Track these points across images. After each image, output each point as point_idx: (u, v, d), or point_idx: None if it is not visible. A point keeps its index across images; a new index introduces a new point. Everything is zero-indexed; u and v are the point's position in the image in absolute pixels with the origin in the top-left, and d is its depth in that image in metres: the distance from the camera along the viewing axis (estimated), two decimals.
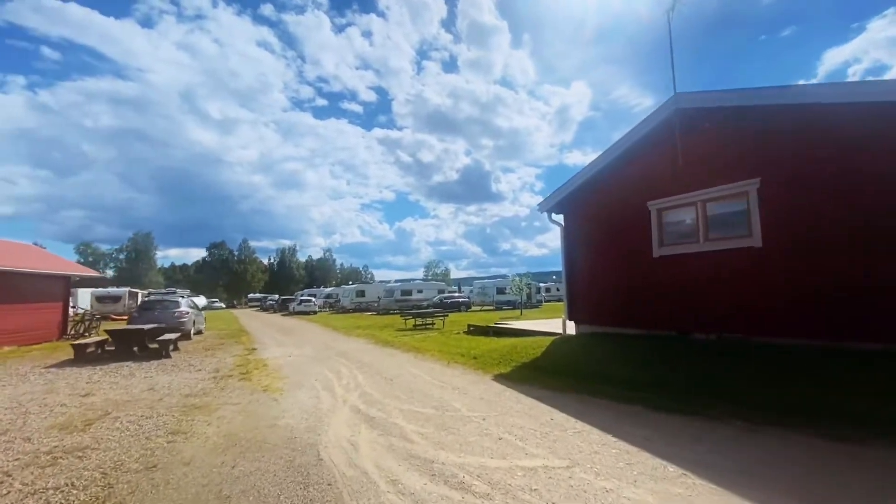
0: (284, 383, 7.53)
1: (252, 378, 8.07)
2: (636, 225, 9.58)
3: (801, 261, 6.90)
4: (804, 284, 6.84)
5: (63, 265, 16.29)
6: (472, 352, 10.16)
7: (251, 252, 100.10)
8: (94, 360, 10.24)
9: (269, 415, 5.55)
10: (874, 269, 6.18)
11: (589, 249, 10.77)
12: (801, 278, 6.88)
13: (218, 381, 7.90)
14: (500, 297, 37.58)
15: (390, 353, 11.08)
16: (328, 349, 12.38)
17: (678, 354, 7.47)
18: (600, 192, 10.52)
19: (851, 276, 6.38)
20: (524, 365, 8.26)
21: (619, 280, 9.87)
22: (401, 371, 8.41)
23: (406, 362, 9.56)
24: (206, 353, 11.78)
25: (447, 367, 8.71)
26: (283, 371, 8.80)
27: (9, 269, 13.38)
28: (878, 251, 6.16)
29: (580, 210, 11.11)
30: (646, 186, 9.42)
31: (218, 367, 9.52)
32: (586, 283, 10.77)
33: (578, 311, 11.00)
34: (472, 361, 9.17)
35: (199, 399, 6.49)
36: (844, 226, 6.48)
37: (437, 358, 9.98)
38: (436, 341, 13.11)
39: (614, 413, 5.20)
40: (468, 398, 6.11)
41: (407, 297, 36.23)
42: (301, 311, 37.20)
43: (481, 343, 11.69)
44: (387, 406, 5.79)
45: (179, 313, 15.27)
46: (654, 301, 9.10)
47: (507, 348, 9.71)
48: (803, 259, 6.88)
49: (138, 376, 8.48)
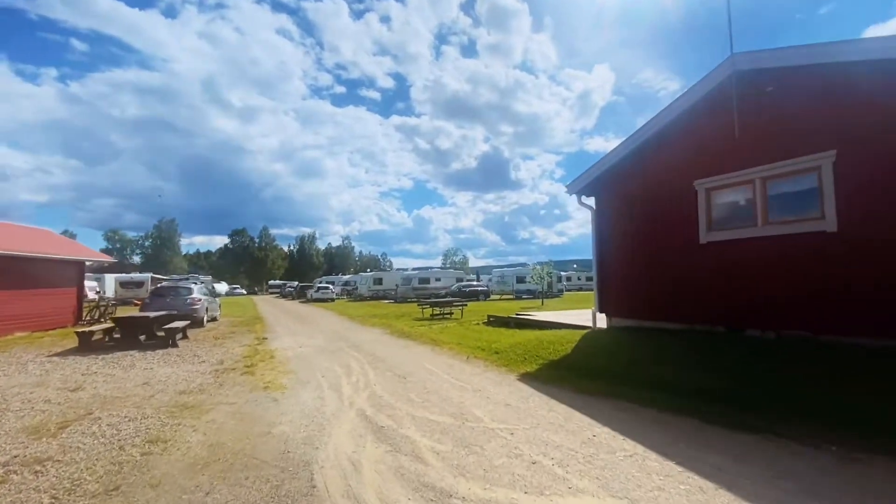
0: (289, 379, 6.88)
1: (255, 372, 7.46)
2: (680, 207, 8.53)
3: (888, 248, 5.80)
4: (893, 275, 5.75)
5: (77, 250, 16.12)
6: (494, 346, 9.35)
7: (271, 239, 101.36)
8: (99, 348, 9.85)
9: (264, 419, 4.88)
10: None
11: (623, 235, 9.75)
12: (889, 268, 5.79)
13: (219, 375, 7.32)
14: (519, 286, 36.59)
15: (405, 346, 10.37)
16: (341, 340, 11.76)
17: (730, 354, 6.50)
18: (638, 172, 9.46)
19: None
20: (552, 363, 7.41)
21: (659, 269, 8.87)
22: (416, 367, 7.68)
23: (422, 356, 8.82)
24: (214, 343, 11.31)
25: (466, 364, 7.93)
26: (289, 364, 8.18)
27: (22, 255, 13.16)
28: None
29: (614, 191, 10.07)
30: (692, 163, 8.34)
31: (223, 358, 8.97)
32: (620, 273, 9.79)
33: (610, 302, 10.04)
34: (493, 357, 8.37)
35: (193, 397, 5.88)
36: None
37: (456, 352, 9.22)
38: (454, 333, 12.36)
39: (667, 428, 4.33)
40: (491, 404, 5.31)
41: (425, 286, 35.61)
42: (319, 299, 37.05)
43: (503, 336, 10.87)
44: (398, 412, 5.04)
45: (192, 300, 14.90)
46: (700, 292, 8.09)
47: (532, 343, 8.87)
48: (891, 246, 5.78)
49: (138, 367, 7.99)
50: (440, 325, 14.69)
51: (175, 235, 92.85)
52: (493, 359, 8.22)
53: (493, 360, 8.15)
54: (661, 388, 5.67)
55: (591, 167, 10.24)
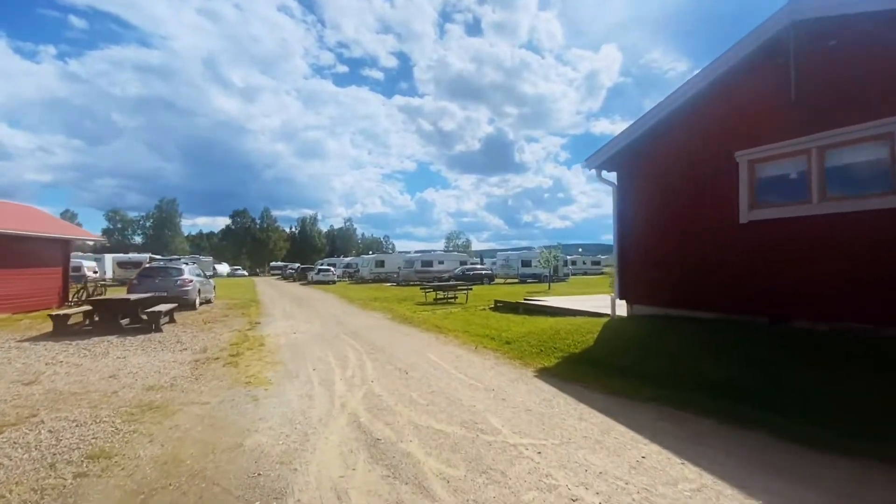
0: (275, 372, 6.09)
1: (240, 363, 6.67)
2: (716, 183, 7.58)
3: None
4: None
5: (62, 228, 15.29)
6: (504, 334, 8.53)
7: (273, 220, 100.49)
8: (76, 333, 9.09)
9: (238, 425, 4.07)
10: None
11: (650, 214, 8.81)
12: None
13: (198, 365, 6.53)
14: (525, 270, 35.74)
15: (407, 333, 9.57)
16: (339, 325, 10.98)
17: (777, 350, 5.64)
18: (667, 143, 8.47)
19: None
20: (573, 357, 6.58)
21: (690, 251, 7.96)
22: (419, 359, 6.87)
23: (425, 346, 8.01)
24: (203, 327, 10.54)
25: (475, 355, 7.12)
26: (279, 354, 7.39)
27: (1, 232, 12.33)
28: None
29: (640, 165, 9.09)
30: (733, 132, 7.35)
31: (208, 345, 8.19)
32: (644, 256, 8.88)
33: (632, 288, 9.17)
34: (505, 348, 7.56)
35: (161, 394, 5.08)
36: None
37: (463, 341, 8.41)
38: (459, 319, 11.55)
39: (730, 446, 3.50)
40: (509, 408, 4.49)
41: (427, 269, 34.80)
42: (319, 281, 36.36)
43: (513, 323, 10.05)
44: (398, 418, 4.23)
45: (182, 281, 14.12)
46: (738, 278, 7.20)
47: (547, 332, 8.04)
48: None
49: (111, 356, 7.21)
50: (444, 311, 13.89)
51: (176, 216, 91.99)
52: (504, 350, 7.40)
53: (504, 351, 7.33)
54: (705, 389, 4.83)
55: (613, 138, 9.24)
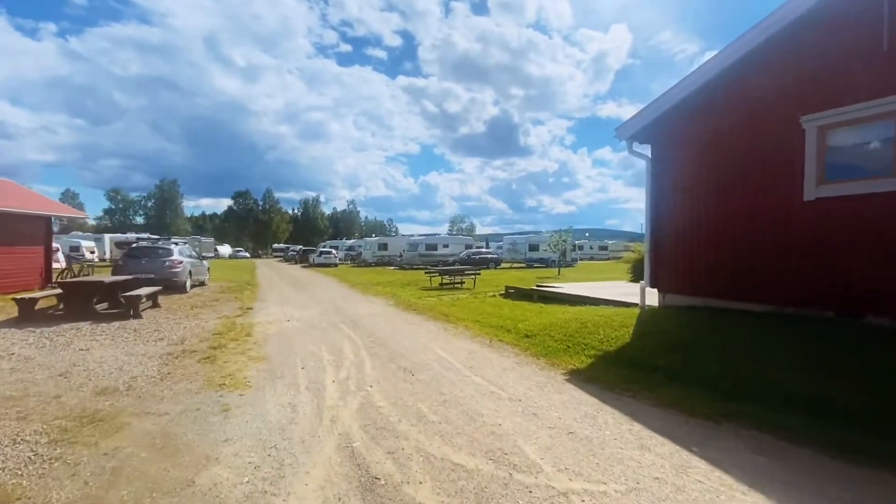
0: (257, 371, 5.14)
1: (218, 358, 5.73)
2: (775, 153, 6.48)
3: None
4: None
5: (43, 204, 14.31)
6: (522, 326, 7.56)
7: (275, 202, 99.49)
8: (44, 319, 8.18)
9: (195, 450, 3.13)
10: None
11: (691, 192, 7.71)
12: None
13: (170, 361, 5.60)
14: (532, 254, 34.68)
15: (412, 322, 8.61)
16: (337, 312, 10.04)
17: (866, 352, 4.64)
18: (714, 109, 7.33)
19: None
20: (608, 356, 5.60)
21: (740, 234, 6.90)
22: (426, 354, 5.91)
23: (433, 338, 7.06)
24: (189, 313, 9.63)
25: (492, 351, 6.15)
26: (266, 346, 6.45)
27: None
28: None
29: (680, 135, 7.96)
30: (801, 93, 6.20)
31: (188, 334, 7.27)
32: (683, 239, 7.82)
33: (667, 275, 8.13)
34: (524, 343, 6.59)
35: (112, 400, 4.15)
36: None
37: (475, 333, 7.44)
38: (469, 306, 10.59)
39: (871, 497, 2.52)
40: (543, 428, 3.52)
41: (432, 252, 33.78)
42: (321, 264, 35.49)
43: (528, 312, 9.07)
44: (403, 442, 3.27)
45: (171, 262, 13.17)
46: (800, 265, 6.15)
47: (572, 324, 7.05)
48: None
49: (73, 347, 6.30)
50: (451, 297, 12.93)
51: (177, 196, 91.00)
52: (524, 345, 6.43)
53: (524, 347, 6.36)
54: (785, 403, 3.85)
55: (648, 105, 8.07)
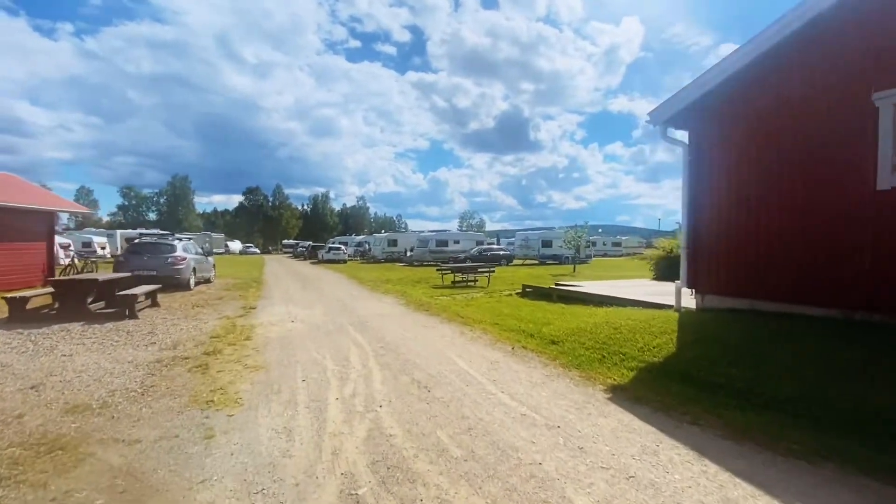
0: (252, 384, 4.53)
1: (211, 367, 5.13)
2: (840, 136, 5.68)
3: None
4: None
5: (45, 199, 13.93)
6: (546, 330, 6.86)
7: (285, 198, 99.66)
8: (35, 319, 7.69)
9: (162, 497, 2.50)
10: None
11: (736, 181, 6.93)
12: None
13: (158, 370, 5.02)
14: (545, 251, 33.83)
15: (425, 325, 7.96)
16: (344, 313, 9.43)
17: None
18: (766, 88, 6.53)
19: None
20: (654, 368, 4.88)
21: (797, 229, 6.12)
22: (443, 364, 5.25)
23: (449, 344, 6.39)
24: (188, 313, 9.10)
25: (516, 361, 5.46)
26: (265, 353, 5.84)
27: None
28: None
29: (724, 119, 7.17)
30: (872, 66, 5.39)
31: (183, 338, 6.71)
32: (727, 235, 7.04)
33: (706, 275, 7.36)
34: (551, 350, 5.89)
35: (81, 421, 3.56)
36: None
37: (495, 337, 6.77)
38: (485, 307, 9.91)
39: None
40: (597, 469, 2.83)
41: (442, 249, 33.11)
42: (330, 260, 35.03)
43: (550, 314, 8.36)
44: (422, 489, 2.60)
45: (174, 259, 12.68)
46: (874, 263, 5.36)
47: (603, 329, 6.34)
48: None
49: (57, 352, 5.76)
50: (465, 296, 12.26)
51: (189, 193, 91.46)
52: (551, 353, 5.74)
53: (552, 355, 5.66)
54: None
55: (686, 87, 7.29)
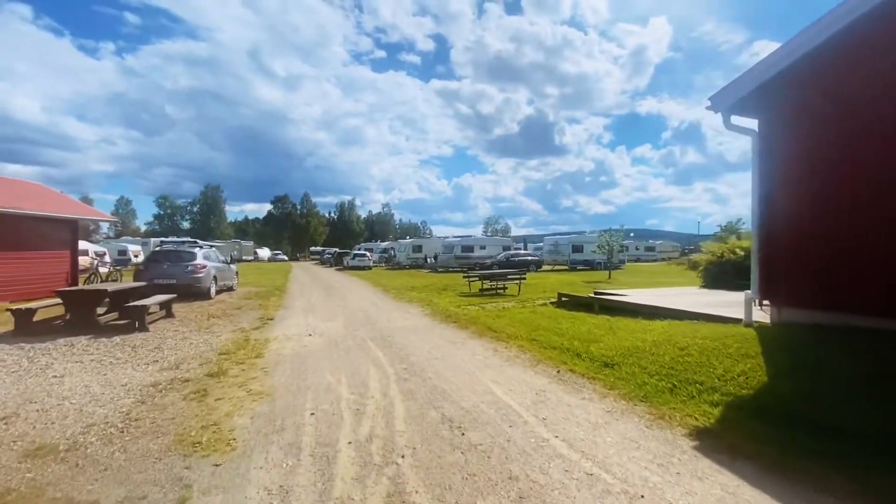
0: (251, 419, 3.80)
1: (210, 394, 4.45)
2: None
3: None
4: None
5: (69, 207, 13.92)
6: (595, 349, 5.91)
7: (313, 206, 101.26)
8: (42, 331, 7.28)
9: None
10: None
11: (823, 173, 5.82)
12: None
13: (151, 396, 4.38)
14: (576, 256, 32.44)
15: (453, 340, 7.13)
16: (366, 324, 8.71)
17: None
18: (861, 61, 5.43)
19: None
20: (745, 404, 3.87)
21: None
22: (477, 394, 4.40)
23: (482, 365, 5.53)
24: (202, 324, 8.57)
25: (565, 390, 4.55)
26: (274, 375, 5.14)
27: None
28: None
29: (805, 101, 6.08)
30: None
31: (189, 356, 6.10)
32: (814, 236, 5.93)
33: (785, 283, 6.25)
34: (606, 376, 4.94)
35: (38, 471, 2.89)
36: None
37: (535, 357, 5.86)
38: (518, 318, 8.99)
39: None
40: None
41: (468, 254, 32.23)
42: (355, 266, 34.71)
43: (596, 328, 7.39)
44: None
45: (194, 267, 12.32)
46: None
47: (664, 349, 5.36)
48: None
49: (50, 371, 5.22)
50: (495, 305, 11.36)
51: (220, 202, 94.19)
52: (607, 380, 4.80)
53: (608, 382, 4.72)
54: None
55: (755, 66, 6.23)
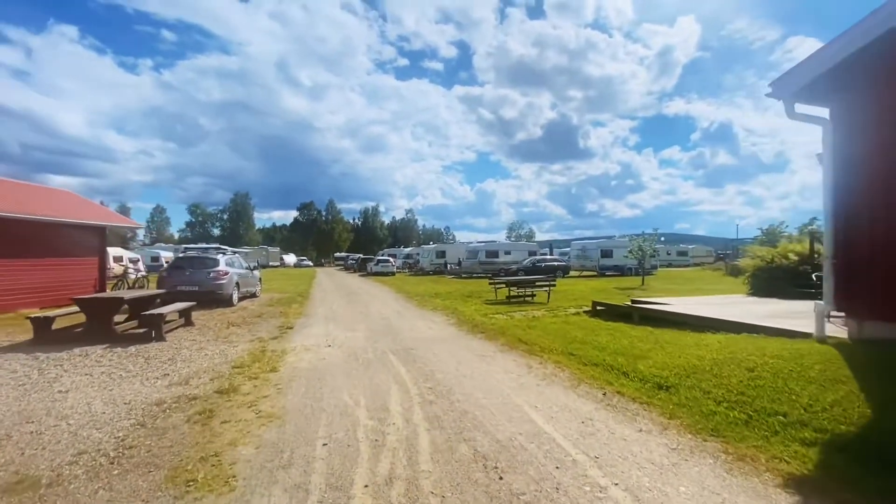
0: (257, 449, 3.34)
1: (216, 415, 4.03)
2: None
3: None
4: None
5: (97, 214, 14.07)
6: (642, 367, 5.22)
7: (337, 212, 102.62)
8: (59, 340, 7.11)
9: None
10: None
11: None
12: None
13: (151, 418, 3.99)
14: (605, 262, 31.28)
15: (483, 354, 6.54)
16: (388, 334, 8.24)
17: None
18: None
19: None
20: (848, 444, 3.13)
21: None
22: (514, 422, 3.81)
23: (517, 386, 4.93)
24: (220, 333, 8.28)
25: (616, 418, 3.91)
26: (288, 393, 4.69)
27: (24, 217, 11.04)
28: None
29: (888, 85, 5.27)
30: None
31: (201, 369, 5.75)
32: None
33: (869, 294, 5.41)
34: (662, 400, 4.27)
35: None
36: None
37: (575, 375, 5.23)
38: (551, 329, 8.33)
39: None
40: None
41: (493, 260, 31.54)
42: (378, 272, 34.56)
43: (638, 341, 6.69)
44: None
45: (216, 274, 12.17)
46: None
47: (728, 370, 4.64)
48: None
49: (57, 385, 4.94)
50: (524, 314, 10.71)
51: (249, 209, 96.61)
52: (664, 406, 4.12)
53: (666, 409, 4.05)
54: None
55: (825, 47, 5.46)
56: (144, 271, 24.14)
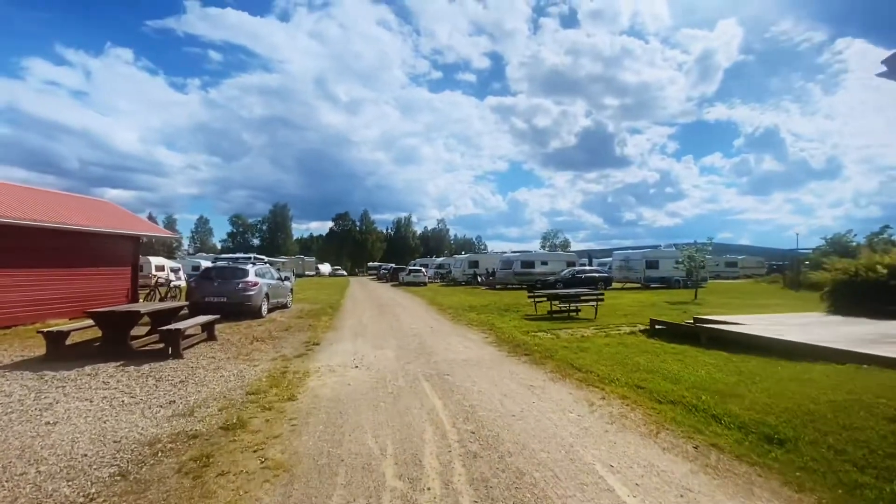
0: None
1: (213, 464, 3.32)
2: None
3: None
4: None
5: (131, 223, 14.12)
6: (736, 409, 4.16)
7: (371, 223, 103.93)
8: (72, 356, 6.72)
9: None
10: None
11: None
12: None
13: (137, 464, 3.32)
14: (650, 273, 29.37)
15: (530, 385, 5.59)
16: (420, 355, 7.43)
17: None
18: None
19: None
20: None
21: None
22: (585, 492, 2.88)
23: (579, 431, 3.97)
24: (242, 350, 7.73)
25: (724, 489, 2.88)
26: (303, 433, 3.94)
27: (59, 227, 11.05)
28: None
29: None
30: None
31: (212, 395, 5.11)
32: None
33: None
34: (779, 462, 3.22)
35: None
36: None
37: (648, 416, 4.21)
38: (606, 353, 7.27)
39: None
40: None
41: (528, 270, 30.27)
42: (410, 283, 34.01)
43: (717, 370, 5.58)
44: None
45: (245, 284, 11.79)
46: None
47: (859, 418, 3.55)
48: None
49: (49, 413, 4.40)
50: (570, 332, 9.65)
51: (287, 220, 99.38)
52: (785, 470, 3.07)
53: (787, 474, 3.00)
54: None
55: None
56: (182, 280, 24.53)
